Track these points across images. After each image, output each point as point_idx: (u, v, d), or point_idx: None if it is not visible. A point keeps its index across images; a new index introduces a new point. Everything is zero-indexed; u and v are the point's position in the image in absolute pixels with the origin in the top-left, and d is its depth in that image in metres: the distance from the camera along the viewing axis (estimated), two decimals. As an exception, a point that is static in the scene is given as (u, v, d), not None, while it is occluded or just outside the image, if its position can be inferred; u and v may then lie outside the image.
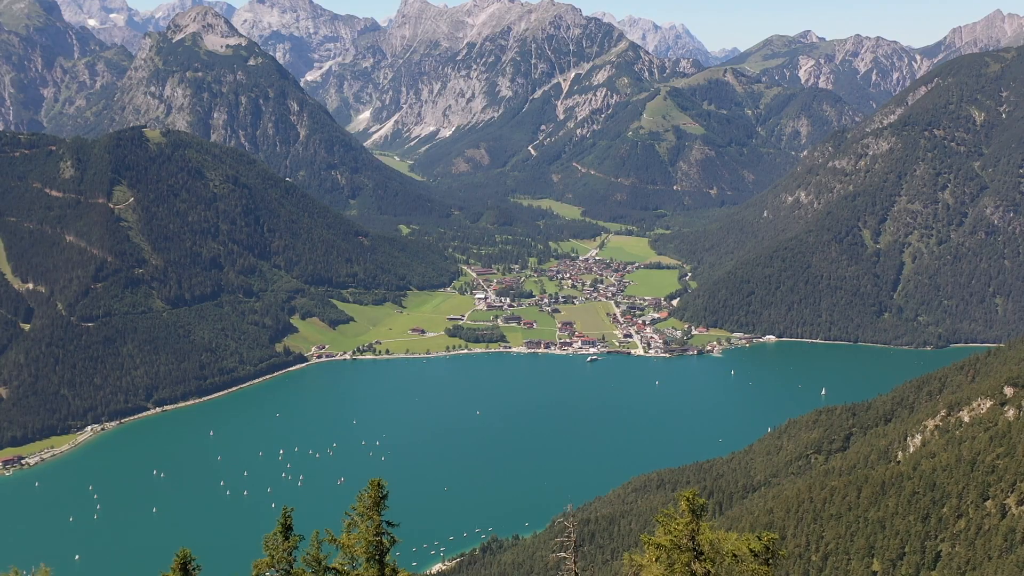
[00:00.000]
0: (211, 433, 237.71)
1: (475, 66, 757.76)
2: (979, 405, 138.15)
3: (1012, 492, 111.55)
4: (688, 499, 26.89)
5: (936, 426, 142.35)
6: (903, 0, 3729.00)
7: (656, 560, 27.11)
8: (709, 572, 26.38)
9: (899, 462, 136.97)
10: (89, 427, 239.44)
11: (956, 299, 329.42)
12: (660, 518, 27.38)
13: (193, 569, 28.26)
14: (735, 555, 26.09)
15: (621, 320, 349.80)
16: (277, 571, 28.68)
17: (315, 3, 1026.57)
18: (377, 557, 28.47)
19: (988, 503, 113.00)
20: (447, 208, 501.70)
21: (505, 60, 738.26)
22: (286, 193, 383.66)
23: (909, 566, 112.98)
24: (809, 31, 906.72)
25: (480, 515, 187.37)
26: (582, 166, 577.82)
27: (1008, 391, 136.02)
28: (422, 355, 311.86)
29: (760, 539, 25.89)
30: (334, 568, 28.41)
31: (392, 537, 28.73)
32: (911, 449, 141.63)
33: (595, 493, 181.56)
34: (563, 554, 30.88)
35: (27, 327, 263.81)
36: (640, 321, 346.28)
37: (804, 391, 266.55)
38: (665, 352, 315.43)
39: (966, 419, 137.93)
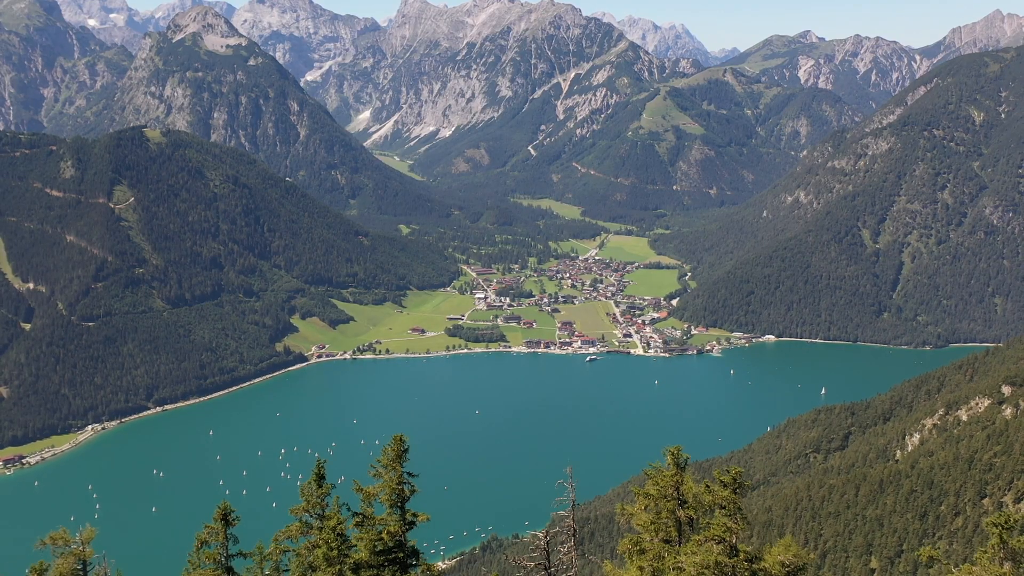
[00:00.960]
0: (211, 433, 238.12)
1: (475, 66, 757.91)
2: (977, 404, 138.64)
3: (1009, 490, 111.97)
4: (673, 453, 29.66)
5: (934, 425, 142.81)
6: (903, 0, 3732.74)
7: (644, 509, 30.04)
8: (692, 518, 29.43)
9: (897, 461, 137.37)
10: (89, 426, 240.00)
11: (955, 299, 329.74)
12: (649, 472, 30.18)
13: (233, 520, 31.55)
14: (708, 486, 29.14)
15: (621, 320, 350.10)
16: (312, 516, 32.15)
17: (315, 3, 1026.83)
18: (399, 504, 31.77)
19: (985, 501, 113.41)
20: (447, 208, 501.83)
21: (505, 60, 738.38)
22: (286, 193, 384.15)
23: (907, 564, 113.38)
24: (809, 31, 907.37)
25: (480, 514, 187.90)
26: (582, 166, 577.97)
27: (1006, 390, 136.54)
28: (422, 355, 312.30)
29: (729, 472, 29.09)
30: (361, 513, 31.78)
31: (412, 487, 31.87)
32: (909, 448, 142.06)
33: (595, 493, 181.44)
34: (562, 512, 32.61)
35: (28, 327, 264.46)
36: (640, 321, 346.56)
37: (803, 391, 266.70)
38: (665, 352, 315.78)
39: (964, 418, 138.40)
